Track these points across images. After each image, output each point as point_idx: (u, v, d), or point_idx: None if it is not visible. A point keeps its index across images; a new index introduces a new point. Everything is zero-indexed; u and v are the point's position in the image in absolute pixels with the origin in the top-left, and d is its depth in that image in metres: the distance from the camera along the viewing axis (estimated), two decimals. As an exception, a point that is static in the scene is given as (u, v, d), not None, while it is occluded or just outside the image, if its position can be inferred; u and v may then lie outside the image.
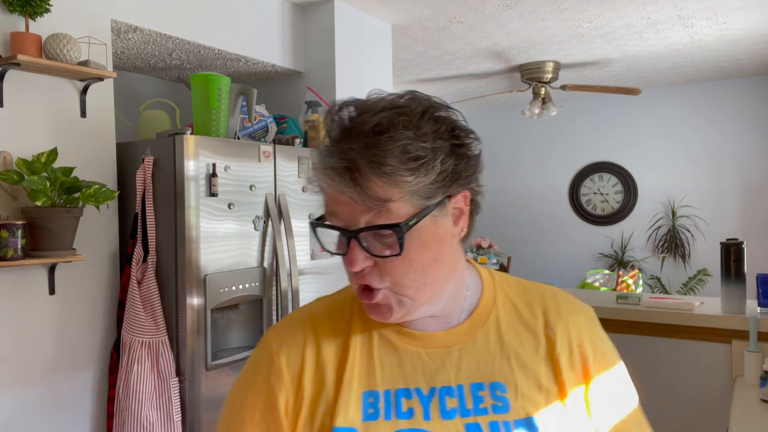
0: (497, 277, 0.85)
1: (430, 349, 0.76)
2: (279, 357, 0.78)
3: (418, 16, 3.28)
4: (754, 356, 2.09)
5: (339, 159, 0.67)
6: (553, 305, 0.81)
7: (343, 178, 0.66)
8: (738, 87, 5.20)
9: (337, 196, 0.68)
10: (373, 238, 0.69)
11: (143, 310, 2.04)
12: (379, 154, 0.66)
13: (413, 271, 0.70)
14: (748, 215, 5.18)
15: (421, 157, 0.67)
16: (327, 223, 0.72)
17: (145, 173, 2.10)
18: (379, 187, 0.66)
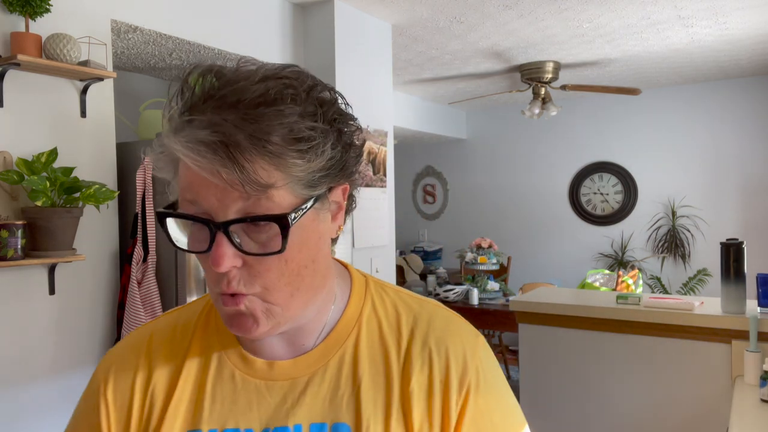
0: (373, 285, 0.72)
1: (272, 381, 0.65)
2: (106, 390, 0.67)
3: (418, 16, 3.28)
4: (754, 356, 2.09)
5: (211, 131, 0.53)
6: (424, 328, 0.68)
7: (218, 156, 0.53)
8: (738, 87, 5.20)
9: (202, 179, 0.55)
10: (245, 232, 0.57)
11: (143, 310, 2.04)
12: (264, 130, 0.54)
13: (288, 273, 0.58)
14: (748, 215, 5.18)
15: (311, 138, 0.56)
16: (184, 213, 0.58)
17: (145, 173, 2.11)
18: (263, 169, 0.54)
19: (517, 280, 5.90)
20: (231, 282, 0.57)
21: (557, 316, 2.58)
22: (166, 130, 0.58)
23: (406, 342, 0.67)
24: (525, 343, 2.68)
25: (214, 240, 0.56)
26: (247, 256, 0.57)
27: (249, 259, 0.57)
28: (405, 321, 0.68)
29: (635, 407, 2.43)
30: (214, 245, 0.56)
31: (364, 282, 0.72)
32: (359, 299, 0.70)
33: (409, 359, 0.65)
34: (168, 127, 0.58)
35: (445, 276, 5.35)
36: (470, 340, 0.69)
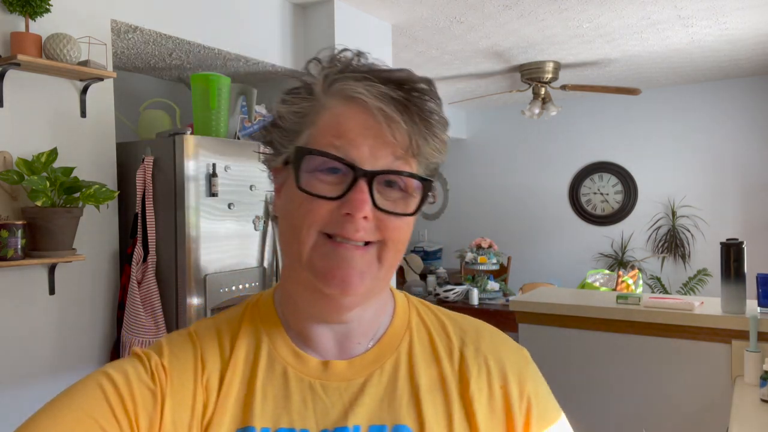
0: (413, 298, 0.75)
1: (326, 381, 0.63)
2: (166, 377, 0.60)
3: (418, 16, 3.28)
4: (754, 356, 2.09)
5: (392, 90, 0.59)
6: (473, 336, 0.70)
7: (399, 109, 0.58)
8: (738, 87, 5.20)
9: (362, 128, 0.59)
10: (379, 189, 0.59)
11: (143, 311, 2.04)
12: (431, 107, 0.60)
13: (403, 239, 0.62)
14: (748, 215, 5.18)
15: (444, 131, 0.62)
16: (330, 153, 0.58)
17: (145, 173, 2.11)
18: (422, 140, 0.60)
19: (517, 280, 5.90)
20: (360, 230, 0.58)
21: (557, 316, 2.58)
22: (323, 81, 0.62)
23: (458, 348, 0.69)
24: (525, 343, 2.65)
25: (355, 186, 0.57)
26: (377, 212, 0.59)
27: (379, 214, 0.59)
28: (452, 329, 0.71)
29: (635, 407, 2.43)
30: (354, 190, 0.57)
31: (406, 297, 0.74)
32: (405, 307, 0.72)
33: (464, 364, 0.67)
34: (324, 80, 0.62)
35: (445, 276, 5.35)
36: (521, 351, 0.72)
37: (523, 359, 0.71)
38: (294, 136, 0.62)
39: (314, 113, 0.61)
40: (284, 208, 0.64)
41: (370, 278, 0.60)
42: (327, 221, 0.59)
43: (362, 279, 0.60)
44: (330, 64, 0.63)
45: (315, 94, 0.62)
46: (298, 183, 0.60)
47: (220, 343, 0.65)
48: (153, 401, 0.58)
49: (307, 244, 0.60)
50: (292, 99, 0.63)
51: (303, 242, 0.60)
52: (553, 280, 5.83)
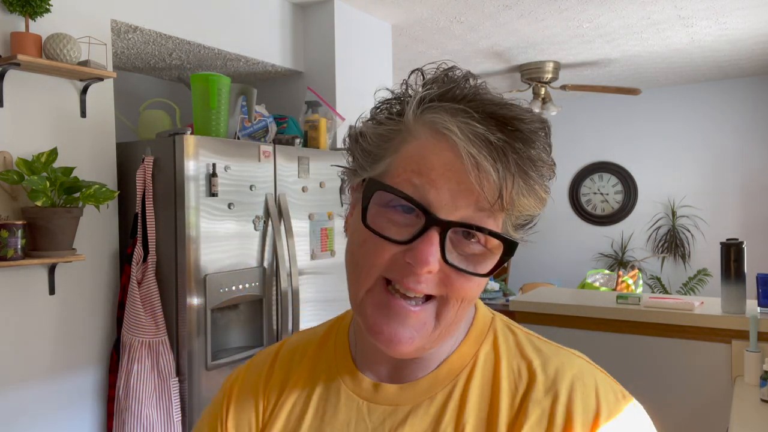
0: (499, 324, 0.65)
1: (374, 403, 0.61)
2: (229, 404, 0.70)
3: (418, 16, 3.28)
4: (754, 356, 2.09)
5: (490, 131, 0.51)
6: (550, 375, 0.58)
7: (492, 156, 0.50)
8: (738, 87, 5.20)
9: (448, 170, 0.52)
10: (455, 242, 0.53)
11: (143, 310, 2.04)
12: (534, 156, 0.52)
13: (470, 298, 0.55)
14: (748, 215, 5.18)
15: (547, 182, 0.55)
16: (407, 195, 0.52)
17: (145, 173, 2.10)
18: (509, 193, 0.52)
19: (517, 280, 5.90)
20: (422, 283, 0.53)
21: (557, 316, 2.58)
22: (416, 106, 0.55)
23: (523, 388, 0.58)
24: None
25: (425, 234, 0.52)
26: (445, 266, 0.53)
27: (445, 269, 0.53)
28: (527, 365, 0.60)
29: (635, 407, 2.42)
30: (424, 239, 0.51)
31: (490, 319, 0.66)
32: (479, 335, 0.63)
33: (524, 409, 0.57)
34: (417, 105, 0.55)
35: (445, 276, 5.34)
36: (609, 400, 0.57)
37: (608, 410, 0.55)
38: (374, 161, 0.57)
39: (400, 140, 0.56)
40: (352, 235, 0.59)
41: (421, 340, 0.55)
42: (389, 266, 0.54)
43: (411, 341, 0.55)
44: (430, 83, 0.56)
45: (404, 119, 0.56)
46: (365, 220, 0.54)
47: (294, 357, 0.69)
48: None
49: (364, 287, 0.55)
50: (381, 118, 0.58)
51: (361, 283, 0.56)
52: (553, 280, 5.83)
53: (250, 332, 2.35)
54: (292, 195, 2.47)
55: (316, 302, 2.60)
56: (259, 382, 0.69)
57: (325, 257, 2.64)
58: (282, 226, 2.39)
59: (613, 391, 0.58)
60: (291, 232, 2.40)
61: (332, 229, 2.68)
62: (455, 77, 0.56)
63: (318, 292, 2.61)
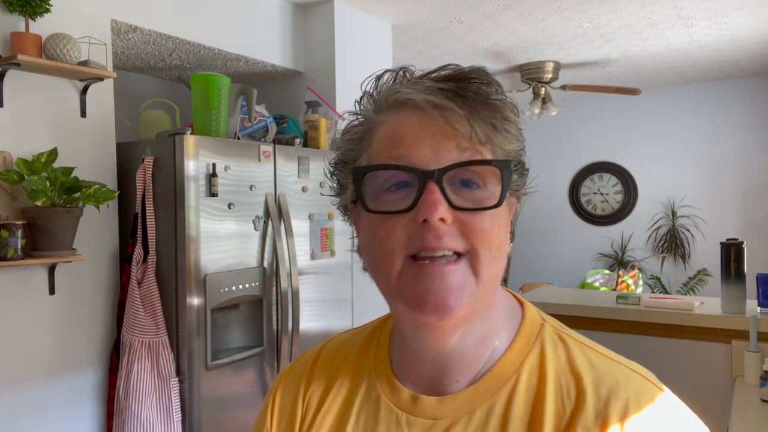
0: (549, 331, 0.61)
1: (413, 416, 0.60)
2: (275, 399, 0.71)
3: (418, 16, 3.28)
4: (754, 356, 2.09)
5: (450, 84, 0.55)
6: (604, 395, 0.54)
7: (452, 99, 0.53)
8: (738, 87, 5.20)
9: (418, 130, 0.54)
10: (454, 189, 0.53)
11: (143, 310, 2.04)
12: (492, 93, 0.56)
13: (496, 239, 0.55)
14: (748, 215, 5.18)
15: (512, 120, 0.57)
16: (391, 163, 0.54)
17: (145, 173, 2.10)
18: (485, 130, 0.54)
19: (517, 280, 5.90)
20: (443, 235, 0.52)
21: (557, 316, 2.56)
22: (371, 101, 0.60)
23: (571, 409, 0.54)
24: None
25: (424, 189, 0.52)
26: (457, 212, 0.53)
27: (459, 217, 0.53)
28: (576, 383, 0.56)
29: (635, 407, 2.42)
30: (425, 193, 0.52)
31: (539, 325, 0.62)
32: (526, 344, 0.60)
33: (570, 430, 0.53)
34: (371, 100, 0.60)
35: (445, 276, 5.34)
36: (671, 426, 0.52)
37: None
38: (354, 162, 0.59)
39: (369, 134, 0.59)
40: (364, 243, 0.58)
41: (468, 296, 0.53)
42: (407, 239, 0.53)
43: (459, 298, 0.53)
44: (378, 86, 0.60)
45: (365, 116, 0.60)
46: (366, 205, 0.55)
47: (333, 365, 0.69)
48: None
49: (394, 273, 0.54)
50: (347, 128, 0.61)
51: (388, 271, 0.55)
52: (553, 280, 5.83)
53: (250, 332, 2.35)
54: (292, 195, 2.47)
55: (316, 302, 2.60)
56: (299, 386, 0.69)
57: (325, 257, 2.64)
58: (282, 226, 2.39)
59: (676, 412, 0.54)
60: (291, 232, 2.40)
61: (332, 229, 2.68)
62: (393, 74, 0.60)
63: (318, 292, 2.61)
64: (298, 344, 2.41)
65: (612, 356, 0.60)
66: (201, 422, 2.08)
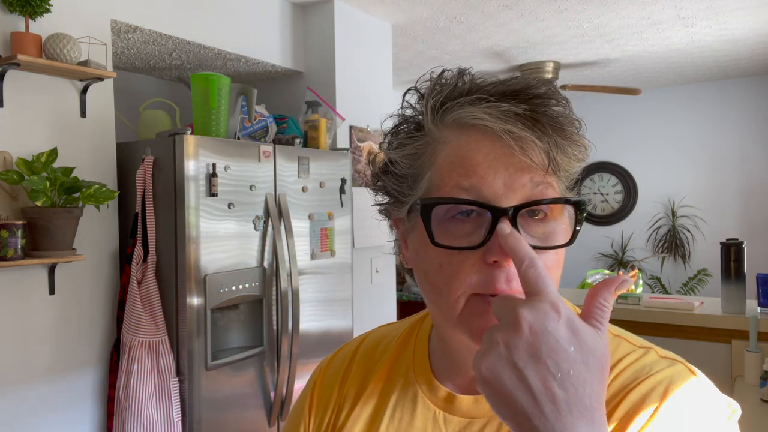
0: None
1: (450, 414, 0.61)
2: (314, 391, 0.71)
3: (418, 16, 3.28)
4: (754, 356, 2.09)
5: (515, 105, 0.51)
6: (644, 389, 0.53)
7: (529, 128, 0.50)
8: (738, 87, 5.20)
9: (491, 160, 0.50)
10: (523, 226, 0.51)
11: (143, 310, 2.04)
12: (564, 114, 0.52)
13: (558, 273, 0.54)
14: (748, 215, 5.18)
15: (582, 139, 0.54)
16: (462, 198, 0.51)
17: (145, 173, 2.10)
18: (562, 152, 0.51)
19: (517, 280, 5.89)
20: (512, 280, 0.50)
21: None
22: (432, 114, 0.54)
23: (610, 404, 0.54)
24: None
25: (498, 228, 0.49)
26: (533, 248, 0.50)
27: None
28: (615, 373, 0.55)
29: (635, 407, 2.42)
30: (497, 234, 0.49)
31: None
32: None
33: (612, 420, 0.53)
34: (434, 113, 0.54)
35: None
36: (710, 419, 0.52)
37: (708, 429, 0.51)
38: (413, 182, 0.56)
39: (431, 152, 0.54)
40: (420, 264, 0.56)
41: None
42: (476, 280, 0.51)
43: None
44: (432, 91, 0.56)
45: (426, 130, 0.55)
46: (433, 240, 0.52)
47: (371, 361, 0.69)
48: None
49: (458, 307, 0.53)
50: (400, 140, 0.57)
51: (453, 306, 0.53)
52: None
53: (250, 332, 2.35)
54: (292, 195, 2.47)
55: (316, 302, 2.60)
56: (337, 378, 0.70)
57: (325, 257, 2.64)
58: (282, 226, 2.39)
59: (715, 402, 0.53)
60: (291, 232, 2.40)
61: (332, 229, 2.68)
62: (450, 77, 0.56)
63: (318, 292, 2.61)
64: (298, 344, 2.41)
65: (647, 345, 0.60)
66: (201, 422, 2.08)
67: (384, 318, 3.28)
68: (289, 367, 2.38)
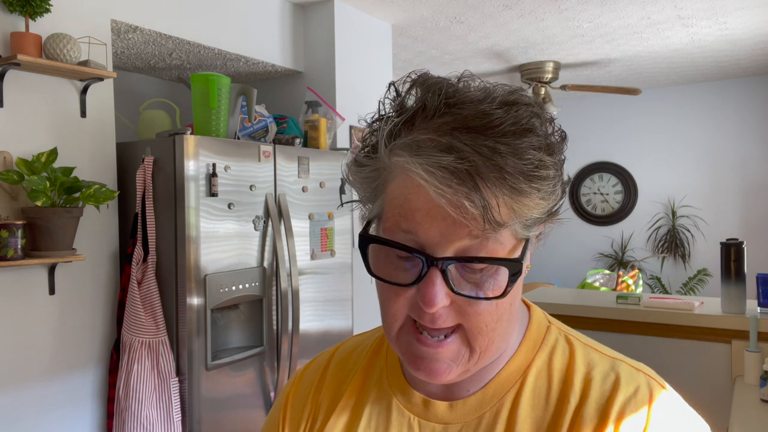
0: (554, 333, 0.63)
1: (425, 420, 0.61)
2: (287, 402, 0.71)
3: (418, 16, 3.28)
4: (754, 356, 2.09)
5: (456, 158, 0.48)
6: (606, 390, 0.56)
7: (465, 187, 0.48)
8: (738, 87, 5.20)
9: (430, 208, 0.50)
10: (459, 271, 0.52)
11: (143, 310, 2.04)
12: (511, 164, 0.49)
13: (496, 318, 0.53)
14: (748, 215, 5.18)
15: (550, 177, 0.52)
16: (397, 242, 0.52)
17: (145, 173, 2.10)
18: (503, 207, 0.49)
19: (517, 280, 5.89)
20: (438, 318, 0.52)
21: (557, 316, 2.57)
22: (386, 142, 0.53)
23: (576, 403, 0.56)
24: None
25: (426, 276, 0.50)
26: (456, 296, 0.51)
27: (459, 299, 0.52)
28: (582, 378, 0.57)
29: (635, 407, 2.42)
30: (426, 281, 0.51)
31: (545, 328, 0.63)
32: (532, 347, 0.61)
33: (576, 424, 0.55)
34: (387, 141, 0.53)
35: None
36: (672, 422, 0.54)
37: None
38: (369, 201, 0.57)
39: (382, 180, 0.55)
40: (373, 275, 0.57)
41: (460, 368, 0.54)
42: (408, 307, 0.53)
43: (449, 370, 0.54)
44: (399, 108, 0.54)
45: (379, 155, 0.54)
46: (369, 270, 0.55)
47: (345, 370, 0.69)
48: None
49: (394, 327, 0.55)
50: (361, 159, 0.56)
51: (390, 325, 0.55)
52: (553, 280, 5.83)
53: (250, 332, 2.35)
54: (292, 195, 2.47)
55: (316, 302, 2.60)
56: (311, 388, 0.70)
57: (325, 257, 2.64)
58: (282, 226, 2.39)
59: (673, 412, 0.55)
60: (291, 232, 2.40)
61: (332, 229, 2.68)
62: (426, 89, 0.53)
63: (318, 292, 2.61)
64: (298, 344, 2.41)
65: (616, 356, 0.61)
66: (201, 422, 2.08)
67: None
68: (289, 367, 2.38)
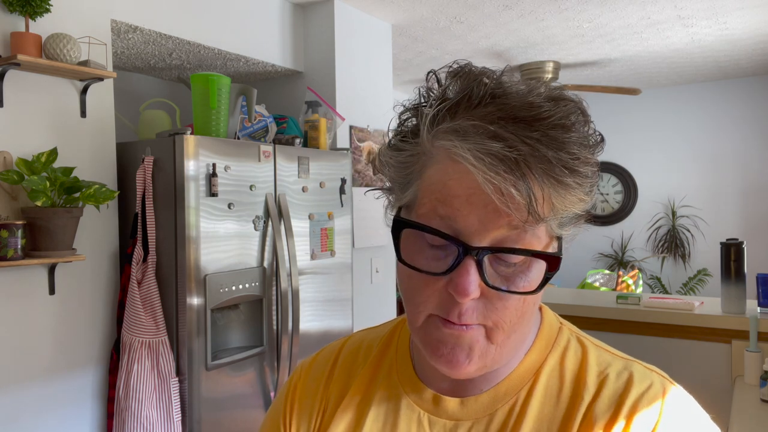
0: (567, 334, 0.63)
1: (435, 416, 0.60)
2: (294, 393, 0.70)
3: (418, 16, 3.28)
4: (754, 356, 2.09)
5: (505, 146, 0.47)
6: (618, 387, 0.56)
7: (513, 175, 0.47)
8: (738, 87, 5.20)
9: (471, 195, 0.49)
10: (491, 262, 0.51)
11: (143, 310, 2.04)
12: (564, 159, 0.48)
13: (521, 314, 0.53)
14: (748, 215, 5.18)
15: (590, 175, 0.51)
16: (433, 228, 0.50)
17: (145, 173, 2.10)
18: (546, 201, 0.49)
19: (517, 280, 5.89)
20: (464, 313, 0.51)
21: (557, 316, 2.58)
22: (429, 127, 0.52)
23: (588, 399, 0.56)
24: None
25: (461, 264, 0.49)
26: (488, 289, 0.51)
27: (489, 292, 0.51)
28: (596, 375, 0.58)
29: (635, 407, 2.43)
30: (460, 269, 0.49)
31: (557, 329, 0.63)
32: (545, 347, 0.61)
33: (587, 421, 0.55)
34: (431, 126, 0.52)
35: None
36: (682, 420, 0.55)
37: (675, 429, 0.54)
38: (402, 188, 0.56)
39: (421, 165, 0.53)
40: (397, 266, 0.57)
41: (479, 357, 0.53)
42: (435, 303, 0.52)
43: (469, 358, 0.53)
44: (441, 97, 0.53)
45: (420, 139, 0.53)
46: (400, 257, 0.53)
47: (354, 365, 0.69)
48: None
49: (419, 321, 0.54)
50: (398, 144, 0.55)
51: (414, 316, 0.55)
52: (553, 280, 5.82)
53: (250, 332, 2.35)
54: (292, 195, 2.47)
55: (316, 302, 2.60)
56: (320, 381, 0.69)
57: (325, 257, 2.64)
58: (282, 226, 2.39)
59: (685, 408, 0.55)
60: (291, 232, 2.40)
61: (332, 229, 2.68)
62: (470, 78, 0.52)
63: (318, 292, 2.61)
64: (298, 344, 2.41)
65: (628, 357, 0.61)
66: (201, 422, 2.08)
67: (384, 317, 3.28)
68: (289, 367, 2.38)
